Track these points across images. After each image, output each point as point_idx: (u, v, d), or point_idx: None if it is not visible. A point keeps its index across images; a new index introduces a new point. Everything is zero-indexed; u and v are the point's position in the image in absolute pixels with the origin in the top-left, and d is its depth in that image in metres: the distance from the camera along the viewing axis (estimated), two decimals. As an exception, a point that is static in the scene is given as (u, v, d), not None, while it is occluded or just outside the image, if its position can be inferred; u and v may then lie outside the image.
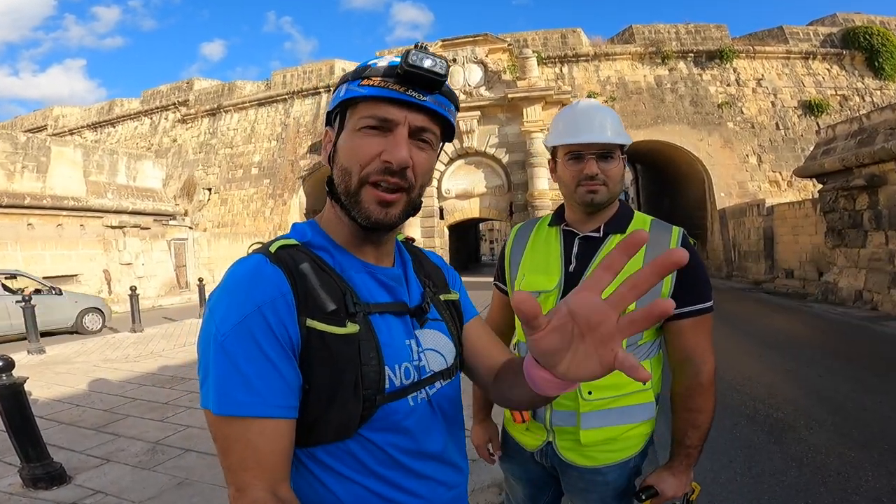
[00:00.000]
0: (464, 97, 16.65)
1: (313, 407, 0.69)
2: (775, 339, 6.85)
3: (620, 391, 1.24)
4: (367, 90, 0.73)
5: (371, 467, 0.72)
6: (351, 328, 0.70)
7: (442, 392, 0.81)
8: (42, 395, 4.73)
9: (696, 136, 17.74)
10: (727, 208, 17.00)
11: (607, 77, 18.69)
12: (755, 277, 14.58)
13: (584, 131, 1.26)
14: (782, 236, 13.56)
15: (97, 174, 14.50)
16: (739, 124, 17.81)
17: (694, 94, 18.20)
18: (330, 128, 0.81)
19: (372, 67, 0.74)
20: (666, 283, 1.21)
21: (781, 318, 8.78)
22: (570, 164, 1.28)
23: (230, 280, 0.70)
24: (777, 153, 17.47)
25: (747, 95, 18.04)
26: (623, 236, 1.28)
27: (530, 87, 16.07)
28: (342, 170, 0.75)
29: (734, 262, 16.56)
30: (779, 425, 3.71)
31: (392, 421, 0.73)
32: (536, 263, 1.34)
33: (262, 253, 0.72)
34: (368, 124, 0.73)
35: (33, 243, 12.75)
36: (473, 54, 16.77)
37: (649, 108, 18.23)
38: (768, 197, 15.73)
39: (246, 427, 0.64)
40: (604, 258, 0.54)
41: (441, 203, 17.42)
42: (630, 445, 1.27)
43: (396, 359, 0.74)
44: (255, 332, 0.65)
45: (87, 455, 3.16)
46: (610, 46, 19.10)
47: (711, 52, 18.42)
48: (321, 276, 0.72)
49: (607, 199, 1.28)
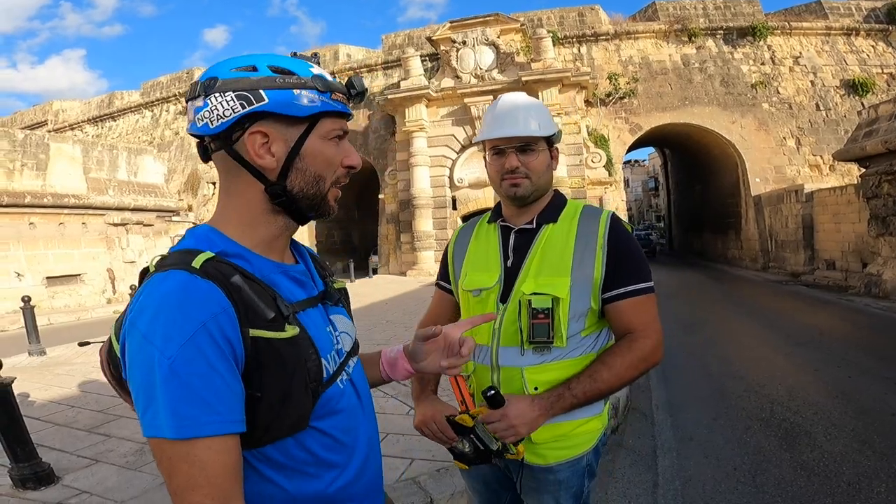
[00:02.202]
0: (475, 81, 16.65)
1: (265, 413, 0.75)
2: (807, 336, 6.75)
3: (561, 430, 1.31)
4: (342, 106, 0.86)
5: (319, 454, 0.82)
6: (291, 331, 0.78)
7: (356, 369, 0.95)
8: (39, 396, 4.96)
9: (728, 119, 17.45)
10: (763, 195, 16.71)
11: (629, 57, 18.45)
12: (793, 269, 14.32)
13: (504, 126, 1.34)
14: (823, 224, 13.27)
15: (97, 170, 14.91)
16: (775, 105, 17.45)
17: (724, 74, 17.87)
18: (272, 129, 0.81)
19: (332, 81, 0.86)
20: (597, 267, 1.29)
21: (817, 312, 8.64)
22: (494, 159, 1.38)
23: (160, 300, 0.71)
24: (818, 135, 17.10)
25: (784, 74, 17.68)
26: (555, 226, 1.36)
27: (545, 69, 15.91)
28: (315, 176, 0.85)
29: (770, 252, 16.28)
30: (794, 430, 3.69)
31: (330, 406, 0.83)
32: (477, 261, 1.42)
33: (184, 269, 0.74)
34: (338, 135, 0.87)
35: (35, 243, 13.21)
36: (484, 36, 16.63)
37: (676, 89, 17.97)
38: (808, 182, 15.41)
39: (193, 445, 0.67)
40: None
41: (454, 193, 17.42)
42: (581, 442, 1.33)
43: (326, 349, 0.84)
44: (204, 350, 0.68)
45: (78, 455, 3.33)
46: (631, 24, 18.83)
47: (743, 29, 18.04)
48: (251, 285, 0.77)
49: (531, 192, 1.36)
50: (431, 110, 17.26)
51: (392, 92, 17.25)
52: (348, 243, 24.17)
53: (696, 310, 9.60)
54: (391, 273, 18.25)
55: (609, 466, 3.19)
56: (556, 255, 1.31)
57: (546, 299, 1.26)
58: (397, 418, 3.87)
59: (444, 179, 17.43)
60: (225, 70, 0.81)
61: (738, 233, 18.75)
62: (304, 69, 0.84)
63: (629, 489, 2.97)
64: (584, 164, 16.73)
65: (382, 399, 4.32)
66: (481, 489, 1.48)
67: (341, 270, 19.60)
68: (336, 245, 23.12)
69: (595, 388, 1.24)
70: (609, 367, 1.26)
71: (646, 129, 18.17)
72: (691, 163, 23.59)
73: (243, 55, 0.86)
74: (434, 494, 2.64)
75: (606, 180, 16.94)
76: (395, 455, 3.17)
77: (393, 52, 19.82)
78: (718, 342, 6.80)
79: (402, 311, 9.54)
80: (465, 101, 16.64)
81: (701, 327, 7.87)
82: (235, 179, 0.85)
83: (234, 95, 0.79)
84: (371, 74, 20.24)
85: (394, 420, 3.83)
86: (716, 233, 21.48)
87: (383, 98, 17.57)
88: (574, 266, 1.29)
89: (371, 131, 19.68)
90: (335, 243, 23.11)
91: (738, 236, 18.81)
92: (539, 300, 1.26)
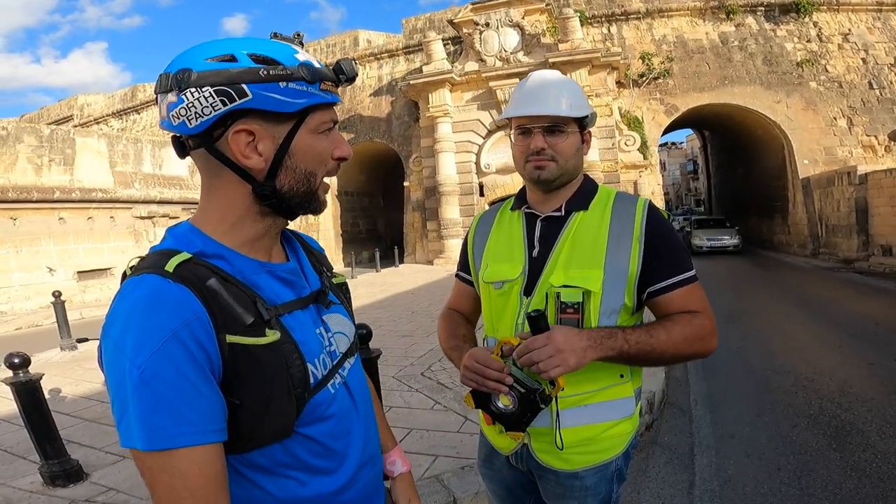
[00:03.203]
0: (500, 64, 16.44)
1: (247, 420, 0.74)
2: (861, 328, 6.51)
3: (596, 385, 1.25)
4: (332, 97, 0.82)
5: (306, 460, 0.81)
6: (272, 336, 0.76)
7: (352, 371, 0.93)
8: (70, 391, 5.16)
9: (772, 98, 16.89)
10: (812, 177, 16.17)
11: (663, 36, 17.97)
12: (846, 255, 13.85)
13: (533, 104, 1.28)
14: (878, 208, 12.78)
15: (123, 164, 15.36)
16: (824, 84, 16.81)
17: (767, 52, 17.28)
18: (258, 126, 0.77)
19: (321, 70, 0.80)
20: (633, 260, 1.22)
21: (872, 302, 8.32)
22: (519, 139, 1.32)
23: (131, 307, 0.70)
24: (871, 115, 16.43)
25: (832, 52, 17.00)
26: (586, 213, 1.30)
27: (573, 50, 15.61)
28: (306, 173, 0.81)
29: (821, 237, 15.75)
30: (845, 428, 3.56)
31: (319, 412, 0.82)
32: (500, 251, 1.37)
33: (156, 273, 0.72)
34: (328, 127, 0.83)
35: (66, 237, 13.73)
36: (508, 17, 16.40)
37: (714, 68, 17.47)
38: (861, 163, 14.82)
39: (171, 456, 0.67)
40: None
41: (481, 179, 17.35)
42: (610, 447, 1.28)
43: (314, 353, 0.83)
44: (174, 359, 0.67)
45: (106, 452, 3.45)
46: (664, 2, 18.27)
47: (785, 5, 17.35)
48: (229, 288, 0.75)
49: (557, 176, 1.29)
50: (455, 95, 17.16)
51: (414, 77, 17.21)
52: (374, 232, 24.40)
53: (739, 299, 9.33)
54: (418, 262, 18.35)
55: (642, 465, 3.14)
56: (587, 246, 1.25)
57: (577, 293, 1.20)
58: (423, 413, 3.89)
59: (471, 165, 17.35)
60: (199, 60, 0.75)
61: (784, 217, 18.16)
62: (289, 56, 0.78)
63: (663, 489, 2.90)
64: (617, 147, 16.43)
65: (408, 393, 4.35)
66: (503, 493, 1.45)
67: (367, 260, 19.83)
68: (361, 234, 23.36)
69: (648, 345, 1.16)
70: (668, 331, 1.18)
71: (682, 110, 17.72)
72: (732, 144, 22.90)
73: (218, 40, 0.78)
74: (458, 493, 2.64)
75: (641, 164, 16.61)
76: (418, 451, 3.18)
77: (414, 36, 19.75)
78: (763, 334, 6.60)
79: (428, 301, 9.55)
80: (490, 84, 16.47)
81: (744, 318, 7.64)
82: (218, 179, 0.81)
83: (213, 91, 0.73)
84: (392, 60, 20.25)
85: (419, 415, 3.84)
86: (760, 217, 20.86)
87: (405, 84, 17.56)
88: (608, 258, 1.22)
89: (394, 117, 19.71)
90: (360, 232, 23.34)
91: (784, 221, 18.22)
92: (569, 293, 1.20)
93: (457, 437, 3.36)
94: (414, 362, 5.30)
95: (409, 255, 19.00)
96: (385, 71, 20.30)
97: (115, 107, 26.13)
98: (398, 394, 4.36)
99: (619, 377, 1.27)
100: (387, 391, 4.30)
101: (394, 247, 18.47)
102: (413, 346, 5.95)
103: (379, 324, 7.44)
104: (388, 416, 3.76)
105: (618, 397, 1.28)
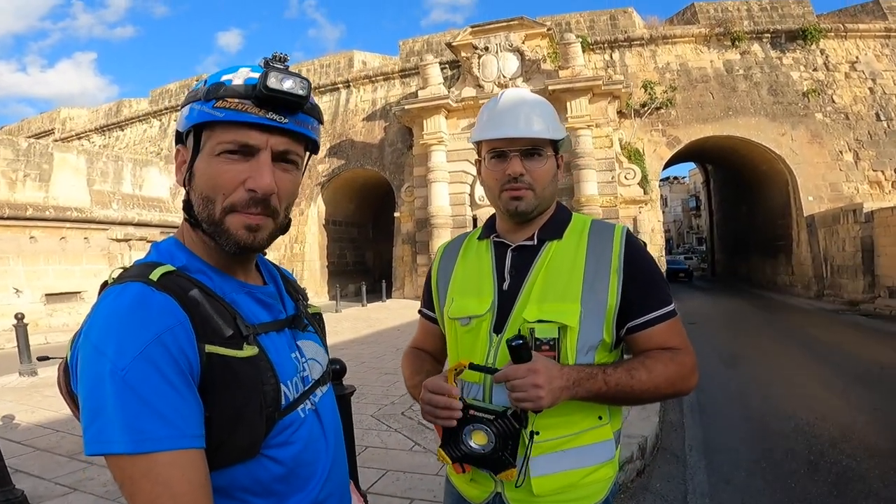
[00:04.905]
0: (498, 90, 16.61)
1: (215, 434, 0.75)
2: (865, 371, 6.53)
3: (572, 429, 1.21)
4: (225, 114, 0.78)
5: (267, 485, 0.80)
6: (249, 350, 0.79)
7: (324, 399, 0.94)
8: (24, 419, 5.05)
9: (777, 130, 17.19)
10: (816, 214, 16.38)
11: (666, 63, 18.39)
12: (851, 297, 13.94)
13: (509, 125, 1.24)
14: (885, 248, 12.93)
15: (101, 182, 15.38)
16: (830, 115, 17.13)
17: (772, 82, 17.65)
18: (182, 147, 0.86)
19: (227, 86, 0.78)
20: (612, 292, 1.20)
21: (878, 345, 8.36)
22: (493, 164, 1.27)
23: (115, 312, 0.73)
24: (878, 148, 16.71)
25: (839, 81, 17.36)
26: (560, 242, 1.27)
27: (574, 77, 15.95)
28: (203, 197, 0.81)
29: (825, 278, 15.87)
30: (847, 475, 3.54)
31: (287, 434, 0.83)
32: (466, 284, 1.33)
33: (141, 281, 0.76)
34: (228, 149, 0.79)
35: (36, 258, 13.62)
36: (508, 41, 16.80)
37: (718, 98, 17.80)
38: (867, 200, 15.04)
39: (154, 461, 0.67)
40: None
41: (475, 212, 17.44)
42: (590, 493, 1.23)
43: (288, 375, 0.85)
44: (158, 362, 0.69)
45: (55, 483, 3.37)
46: (668, 28, 18.82)
47: (792, 32, 17.80)
48: (211, 301, 0.79)
49: (535, 207, 1.26)
50: (451, 122, 17.41)
51: (409, 102, 17.50)
52: (361, 264, 24.28)
53: (739, 341, 9.33)
54: (406, 297, 18.22)
55: (632, 513, 3.08)
56: (562, 278, 1.21)
57: (552, 328, 1.16)
58: (400, 454, 3.82)
59: (465, 197, 17.47)
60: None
61: (788, 257, 18.31)
62: (217, 76, 0.81)
63: (654, 539, 2.85)
64: (617, 180, 16.53)
65: (386, 433, 4.28)
66: None
67: (353, 293, 19.62)
68: (348, 266, 23.21)
69: (628, 386, 1.14)
70: (649, 370, 1.16)
71: (685, 142, 17.96)
72: (736, 180, 23.24)
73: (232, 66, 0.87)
74: (432, 538, 2.57)
75: (641, 199, 16.67)
76: (393, 494, 3.12)
77: (410, 58, 20.14)
78: (763, 377, 6.59)
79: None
80: (487, 111, 16.74)
81: (744, 360, 7.64)
82: None
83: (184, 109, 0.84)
84: (387, 83, 20.57)
85: (396, 456, 3.78)
86: (763, 257, 21.05)
87: (400, 108, 17.79)
88: (585, 291, 1.19)
89: (387, 144, 19.92)
90: (347, 264, 23.21)
91: (788, 261, 18.36)
92: (544, 329, 1.17)
93: (435, 480, 3.30)
94: (395, 401, 5.23)
95: (398, 290, 18.87)
96: (379, 94, 20.57)
97: (99, 122, 26.39)
98: (375, 433, 4.28)
99: (598, 419, 1.24)
100: (363, 430, 4.24)
101: (382, 280, 18.36)
102: (395, 385, 5.88)
103: (361, 360, 7.37)
104: (363, 456, 3.74)
105: (597, 441, 1.24)
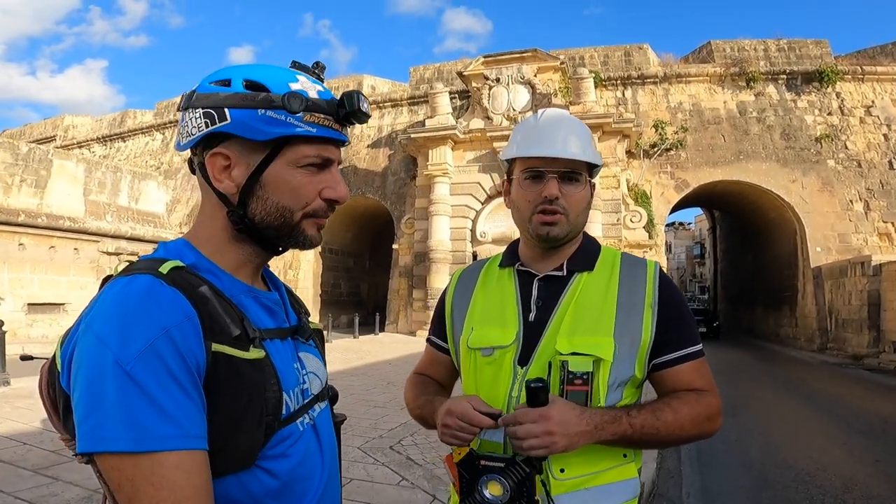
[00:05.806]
0: (507, 123, 16.73)
1: (214, 438, 0.73)
2: (868, 424, 6.58)
3: (597, 467, 1.18)
4: (318, 130, 0.82)
5: (260, 499, 0.78)
6: (256, 353, 0.78)
7: (322, 415, 0.94)
8: (-8, 430, 4.95)
9: (788, 177, 17.17)
10: (824, 266, 16.37)
11: (679, 103, 18.47)
12: (855, 351, 13.92)
13: (549, 144, 1.21)
14: (892, 302, 12.94)
15: (98, 193, 15.48)
16: (842, 162, 17.11)
17: (786, 125, 17.63)
18: (236, 151, 0.82)
19: (308, 99, 0.81)
20: (646, 328, 1.19)
21: (881, 399, 8.45)
22: (527, 185, 1.24)
23: (121, 302, 0.72)
24: (890, 199, 16.69)
25: (853, 126, 17.32)
26: (591, 274, 1.25)
27: (585, 113, 15.98)
28: (278, 206, 0.84)
29: (830, 331, 15.81)
30: (849, 532, 3.46)
31: (284, 446, 0.81)
32: (488, 313, 1.29)
33: (150, 274, 0.75)
34: (313, 163, 0.84)
35: (22, 265, 13.61)
36: (520, 73, 16.98)
37: (730, 141, 17.80)
38: (876, 253, 15.08)
39: (157, 463, 0.65)
40: None
41: (475, 248, 17.30)
42: None
43: (290, 384, 0.84)
44: (165, 358, 0.68)
45: (15, 498, 3.26)
46: (683, 66, 18.90)
47: (809, 74, 17.77)
48: (219, 300, 0.79)
49: (566, 234, 1.24)
50: (457, 153, 17.50)
51: (416, 131, 17.62)
52: (355, 295, 24.08)
53: (740, 392, 9.28)
54: (399, 331, 17.99)
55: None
56: (593, 311, 1.20)
57: (587, 361, 1.14)
58: (386, 488, 3.76)
59: (466, 232, 17.40)
60: (205, 83, 0.83)
61: (793, 309, 18.18)
62: (282, 84, 0.81)
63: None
64: (622, 223, 16.42)
65: (372, 466, 4.21)
66: None
67: (346, 325, 19.37)
68: (342, 296, 22.99)
69: (654, 428, 1.12)
70: (675, 411, 1.14)
71: (693, 186, 17.89)
72: (744, 227, 23.27)
73: (227, 67, 0.86)
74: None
75: (646, 243, 16.54)
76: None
77: (420, 86, 20.41)
78: (764, 427, 6.58)
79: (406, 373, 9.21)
80: (493, 145, 16.59)
81: (745, 410, 7.59)
82: (206, 198, 0.88)
83: (203, 112, 0.80)
84: (395, 110, 20.83)
85: (382, 490, 3.72)
86: (768, 308, 20.93)
87: (406, 137, 17.89)
88: (617, 325, 1.18)
89: (390, 173, 19.98)
90: (341, 294, 22.99)
91: (792, 312, 18.23)
92: (578, 362, 1.14)
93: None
94: (383, 434, 5.15)
95: (391, 324, 18.64)
96: (386, 121, 20.78)
97: (102, 131, 26.69)
98: (362, 466, 4.21)
99: (623, 457, 1.21)
100: (350, 462, 4.17)
101: (375, 313, 18.18)
102: (384, 418, 5.79)
103: (350, 391, 7.30)
104: (347, 488, 3.66)
105: (621, 479, 1.20)
